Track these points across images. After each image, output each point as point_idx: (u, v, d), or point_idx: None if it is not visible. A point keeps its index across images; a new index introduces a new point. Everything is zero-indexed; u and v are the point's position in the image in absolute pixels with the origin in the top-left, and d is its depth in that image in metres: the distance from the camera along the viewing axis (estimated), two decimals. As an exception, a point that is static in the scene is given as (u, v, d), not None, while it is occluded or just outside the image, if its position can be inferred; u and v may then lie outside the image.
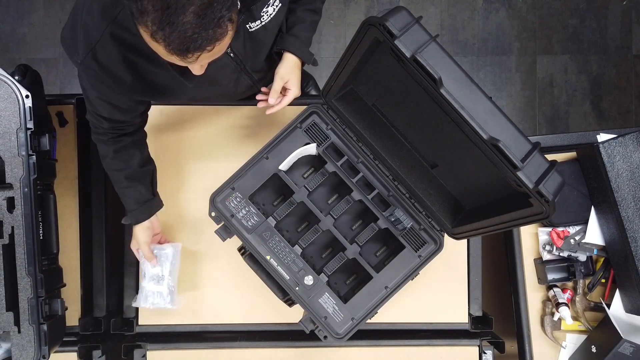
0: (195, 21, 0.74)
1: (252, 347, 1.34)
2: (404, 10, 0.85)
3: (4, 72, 1.08)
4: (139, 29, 0.78)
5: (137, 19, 0.76)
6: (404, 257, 1.20)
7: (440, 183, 1.16)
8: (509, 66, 2.40)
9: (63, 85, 2.33)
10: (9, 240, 1.08)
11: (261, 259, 1.18)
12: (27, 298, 1.09)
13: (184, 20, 0.73)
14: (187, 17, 0.73)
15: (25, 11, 2.32)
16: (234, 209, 1.19)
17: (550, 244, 1.35)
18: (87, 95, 1.07)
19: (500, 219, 0.99)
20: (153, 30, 0.75)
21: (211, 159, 1.39)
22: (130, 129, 1.17)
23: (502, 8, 2.40)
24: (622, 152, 1.27)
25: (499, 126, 0.84)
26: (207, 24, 0.75)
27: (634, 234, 1.24)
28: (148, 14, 0.73)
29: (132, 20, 0.77)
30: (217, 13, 0.74)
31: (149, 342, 1.33)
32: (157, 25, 0.74)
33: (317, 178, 1.22)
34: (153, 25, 0.74)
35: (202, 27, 0.75)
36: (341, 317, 1.18)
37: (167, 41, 0.76)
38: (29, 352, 1.09)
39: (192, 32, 0.75)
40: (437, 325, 1.38)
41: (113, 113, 1.09)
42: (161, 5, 0.72)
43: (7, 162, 1.08)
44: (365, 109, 1.16)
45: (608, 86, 2.41)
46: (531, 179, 0.84)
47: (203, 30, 0.75)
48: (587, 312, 1.36)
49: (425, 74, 0.83)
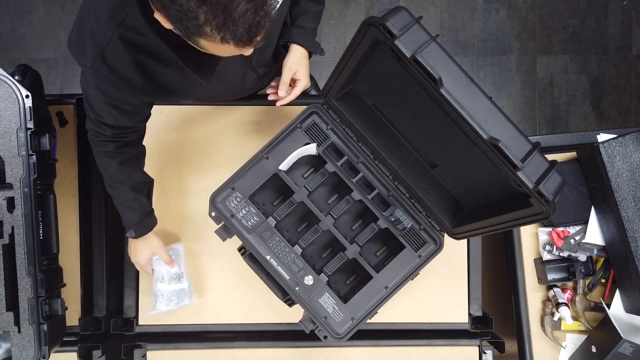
0: (250, 6, 0.74)
1: (252, 347, 1.34)
2: (404, 10, 0.85)
3: (4, 72, 1.08)
4: (199, 41, 0.78)
5: (198, 33, 0.76)
6: (404, 257, 1.20)
7: (440, 183, 1.16)
8: (509, 66, 2.40)
9: (63, 85, 2.33)
10: (9, 240, 1.08)
11: (261, 259, 1.18)
12: (27, 298, 1.09)
13: (242, 11, 0.73)
14: (243, 6, 0.73)
15: (25, 11, 2.32)
16: (234, 209, 1.19)
17: (550, 244, 1.35)
18: (91, 102, 1.05)
19: (500, 219, 0.99)
20: (222, 35, 0.75)
21: (211, 158, 1.39)
22: (133, 137, 1.16)
23: (502, 8, 2.40)
24: (622, 152, 1.27)
25: (499, 126, 0.84)
26: (260, 2, 0.75)
27: (634, 234, 1.24)
28: (209, 23, 0.74)
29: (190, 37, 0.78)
30: None
31: (149, 342, 1.33)
32: (223, 28, 0.74)
33: (317, 178, 1.22)
34: (220, 31, 0.75)
35: (258, 7, 0.75)
36: (341, 317, 1.18)
37: (237, 37, 0.76)
38: (29, 352, 1.09)
39: (254, 17, 0.75)
40: (437, 325, 1.38)
41: (119, 119, 1.07)
42: (219, 9, 0.72)
43: (7, 162, 1.08)
44: (365, 109, 1.16)
45: (608, 86, 2.41)
46: (531, 179, 0.84)
47: (260, 10, 0.75)
48: (587, 312, 1.36)
49: (425, 74, 0.83)
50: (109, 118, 1.07)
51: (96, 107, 1.05)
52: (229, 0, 0.72)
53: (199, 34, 0.76)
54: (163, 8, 0.76)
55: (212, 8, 0.72)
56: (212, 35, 0.76)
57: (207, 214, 1.19)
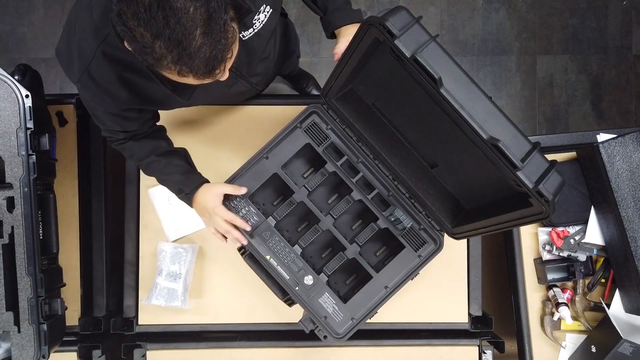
0: (206, 40, 0.74)
1: (252, 347, 1.34)
2: (404, 10, 0.85)
3: (4, 72, 1.08)
4: (163, 72, 0.79)
5: (157, 66, 0.77)
6: (404, 257, 1.20)
7: (440, 183, 1.16)
8: (509, 66, 2.40)
9: (63, 85, 2.32)
10: (8, 240, 1.08)
11: (261, 258, 1.18)
12: (27, 298, 1.09)
13: (197, 45, 0.74)
14: (199, 40, 0.73)
15: (25, 11, 2.32)
16: (234, 208, 1.19)
17: (550, 243, 1.35)
18: (96, 114, 1.06)
19: (500, 218, 0.99)
20: (178, 69, 0.76)
21: (211, 158, 1.39)
22: (148, 130, 1.17)
23: (502, 8, 2.40)
24: (622, 152, 1.27)
25: (498, 126, 0.84)
26: (217, 35, 0.75)
27: (633, 233, 1.24)
28: (165, 57, 0.74)
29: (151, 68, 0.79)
30: (219, 21, 0.75)
31: (148, 342, 1.33)
32: (179, 62, 0.75)
33: (317, 178, 1.22)
34: (175, 65, 0.75)
35: (216, 41, 0.75)
36: (341, 317, 1.18)
37: (194, 71, 0.77)
38: (28, 352, 1.09)
39: (210, 51, 0.75)
40: (437, 325, 1.38)
41: (124, 124, 1.09)
42: (173, 44, 0.73)
43: (7, 161, 1.08)
44: (365, 109, 1.16)
45: (608, 86, 2.41)
46: (531, 178, 0.84)
47: (217, 43, 0.76)
48: (587, 312, 1.36)
49: (425, 73, 0.83)
50: (115, 126, 1.08)
51: (100, 117, 1.07)
52: (183, 35, 0.72)
53: (158, 67, 0.77)
54: (126, 40, 0.77)
55: (166, 43, 0.73)
56: (169, 69, 0.76)
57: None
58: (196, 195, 1.16)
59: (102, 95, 0.98)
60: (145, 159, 1.16)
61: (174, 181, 1.17)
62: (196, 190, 1.16)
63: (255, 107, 1.40)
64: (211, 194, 1.15)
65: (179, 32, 0.72)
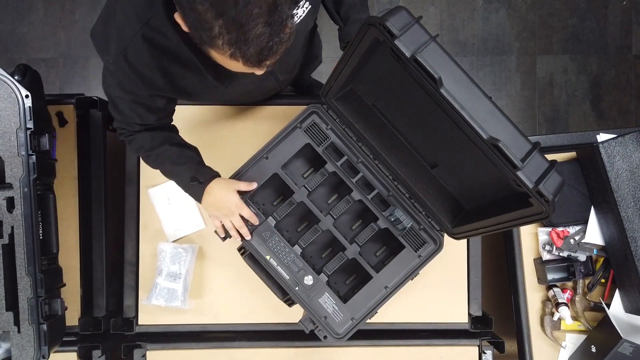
0: (266, 30, 0.74)
1: (252, 347, 1.34)
2: (404, 10, 0.85)
3: (3, 72, 1.08)
4: (212, 51, 0.78)
5: (208, 43, 0.76)
6: (404, 257, 1.20)
7: (440, 183, 1.16)
8: (509, 66, 2.40)
9: (63, 85, 2.32)
10: (8, 240, 1.08)
11: (261, 259, 1.18)
12: (27, 298, 1.09)
13: (257, 33, 0.73)
14: (259, 29, 0.73)
15: (25, 11, 2.32)
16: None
17: (550, 243, 1.35)
18: (118, 105, 1.05)
19: (500, 218, 0.99)
20: (231, 52, 0.76)
21: (211, 158, 1.39)
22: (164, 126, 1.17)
23: (502, 8, 2.40)
24: (621, 152, 1.27)
25: (498, 126, 0.84)
26: (277, 29, 0.75)
27: (633, 233, 1.24)
28: (221, 37, 0.74)
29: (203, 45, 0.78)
30: (283, 15, 0.75)
31: (148, 342, 1.33)
32: (234, 45, 0.74)
33: (317, 178, 1.22)
34: (230, 47, 0.75)
35: (274, 34, 0.75)
36: (341, 317, 1.18)
37: (246, 57, 0.76)
38: (28, 352, 1.09)
39: (267, 42, 0.75)
40: (437, 325, 1.38)
41: (145, 117, 1.07)
42: (235, 26, 0.72)
43: (6, 162, 1.08)
44: (365, 109, 1.16)
45: (608, 86, 2.41)
46: (531, 178, 0.84)
47: (275, 36, 0.76)
48: (586, 312, 1.36)
49: (425, 73, 0.83)
50: (134, 116, 1.07)
51: (122, 108, 1.05)
52: (246, 20, 0.72)
53: (210, 45, 0.77)
54: (182, 12, 0.76)
55: (228, 24, 0.72)
56: (222, 49, 0.76)
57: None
58: (210, 187, 1.13)
59: (135, 78, 0.97)
60: (157, 148, 1.13)
61: (186, 170, 1.13)
62: (210, 180, 1.14)
63: (255, 107, 1.40)
64: (228, 188, 1.13)
65: (243, 15, 0.71)
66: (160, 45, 0.91)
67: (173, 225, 1.36)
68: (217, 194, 1.13)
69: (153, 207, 1.36)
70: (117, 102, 1.04)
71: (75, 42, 2.31)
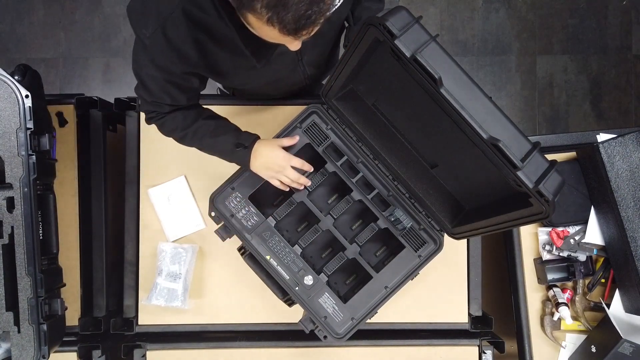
0: None
1: (252, 347, 1.34)
2: (404, 10, 0.85)
3: (3, 72, 1.08)
4: (249, 15, 0.77)
5: (247, 6, 0.75)
6: (404, 257, 1.20)
7: (440, 183, 1.16)
8: (509, 66, 2.40)
9: (63, 85, 2.33)
10: (8, 240, 1.08)
11: (261, 259, 1.18)
12: (27, 298, 1.09)
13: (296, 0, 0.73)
14: None
15: (25, 11, 2.32)
16: (234, 208, 1.19)
17: (550, 243, 1.35)
18: (149, 85, 1.03)
19: (500, 219, 0.99)
20: (269, 16, 0.74)
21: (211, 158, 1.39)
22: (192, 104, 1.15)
23: (502, 8, 2.40)
24: (621, 152, 1.27)
25: (499, 126, 0.84)
26: None
27: (633, 233, 1.25)
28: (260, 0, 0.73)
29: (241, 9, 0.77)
30: None
31: (148, 342, 1.33)
32: (272, 9, 0.73)
33: (317, 178, 1.22)
34: (268, 11, 0.74)
35: (314, 3, 0.74)
36: (341, 317, 1.18)
37: (283, 23, 0.75)
38: (28, 352, 1.09)
39: (306, 9, 0.74)
40: (437, 325, 1.38)
41: (177, 97, 1.06)
42: None
43: (6, 162, 1.08)
44: (365, 109, 1.16)
45: (608, 86, 2.41)
46: (531, 178, 0.84)
47: (315, 5, 0.74)
48: (586, 312, 1.36)
49: (425, 73, 0.83)
50: (166, 98, 1.05)
51: (153, 88, 1.03)
52: None
53: (248, 8, 0.75)
54: None
55: None
56: (260, 13, 0.74)
57: (207, 214, 1.19)
58: (255, 149, 1.14)
59: (170, 54, 0.95)
60: (192, 125, 1.12)
61: (227, 139, 1.13)
62: (254, 143, 1.14)
63: (255, 107, 1.40)
64: (273, 145, 1.15)
65: None
66: (198, 20, 0.91)
67: (173, 225, 1.36)
68: (264, 154, 1.14)
69: (153, 207, 1.36)
70: (148, 82, 1.03)
71: (75, 42, 2.31)
